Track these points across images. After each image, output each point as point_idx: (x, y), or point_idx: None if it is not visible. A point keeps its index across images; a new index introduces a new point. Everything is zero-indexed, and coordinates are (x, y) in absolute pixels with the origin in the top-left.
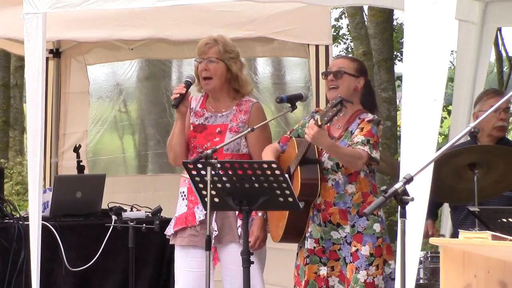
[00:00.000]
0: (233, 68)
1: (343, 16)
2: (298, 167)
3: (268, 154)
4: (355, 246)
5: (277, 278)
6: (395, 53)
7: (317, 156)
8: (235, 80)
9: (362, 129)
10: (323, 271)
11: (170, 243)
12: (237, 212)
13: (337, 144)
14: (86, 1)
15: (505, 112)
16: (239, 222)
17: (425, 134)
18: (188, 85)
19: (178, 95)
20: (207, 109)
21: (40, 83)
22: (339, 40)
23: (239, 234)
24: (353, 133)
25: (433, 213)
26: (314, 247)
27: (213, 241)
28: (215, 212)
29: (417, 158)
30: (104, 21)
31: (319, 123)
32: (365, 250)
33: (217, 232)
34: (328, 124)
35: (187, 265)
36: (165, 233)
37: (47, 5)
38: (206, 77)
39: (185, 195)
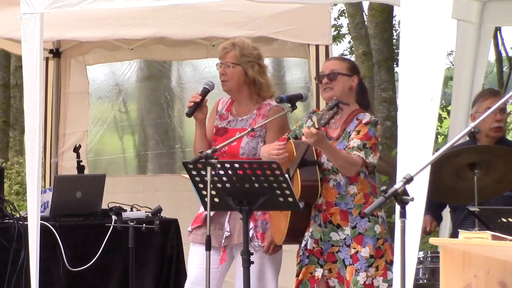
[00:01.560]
0: (250, 72)
1: (343, 15)
2: (298, 169)
3: (265, 155)
4: (354, 248)
5: (280, 279)
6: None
7: (315, 158)
8: (253, 84)
9: (358, 132)
10: (318, 272)
11: (186, 238)
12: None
13: (335, 147)
14: (83, 1)
15: (501, 113)
16: (252, 225)
17: (422, 133)
18: (205, 92)
19: (193, 103)
20: (231, 113)
21: (38, 83)
22: (340, 39)
23: (251, 237)
24: (351, 134)
25: (435, 214)
26: (313, 248)
27: (223, 241)
28: (228, 213)
29: (414, 157)
30: (104, 21)
31: (316, 126)
32: (365, 252)
33: (229, 233)
34: (326, 125)
35: (197, 261)
36: (188, 229)
37: (44, 5)
38: (223, 81)
39: None
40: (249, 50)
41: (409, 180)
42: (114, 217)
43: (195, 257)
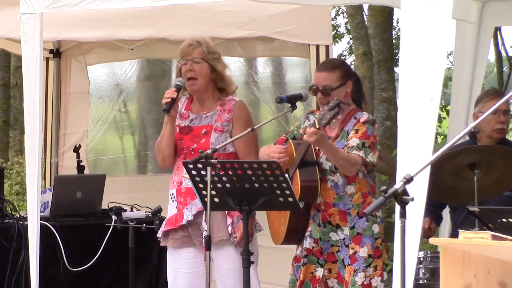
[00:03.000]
0: (218, 68)
1: (340, 14)
2: (297, 169)
3: (265, 157)
4: (353, 249)
5: (277, 277)
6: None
7: (315, 158)
8: (221, 79)
9: (357, 131)
10: (319, 272)
11: (161, 244)
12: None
13: (335, 147)
14: (83, 1)
15: (504, 114)
16: (229, 221)
17: (422, 134)
18: (178, 89)
19: (170, 99)
20: (192, 111)
21: (37, 83)
22: (338, 39)
23: (230, 233)
24: (349, 133)
25: (435, 215)
26: (313, 247)
27: (203, 240)
28: (204, 212)
29: (414, 157)
30: (104, 21)
31: (317, 126)
32: (363, 252)
33: (207, 233)
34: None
35: (179, 266)
36: (157, 235)
37: (43, 5)
38: (191, 78)
39: (174, 197)
40: (213, 48)
41: (409, 180)
42: (114, 217)
43: (177, 262)
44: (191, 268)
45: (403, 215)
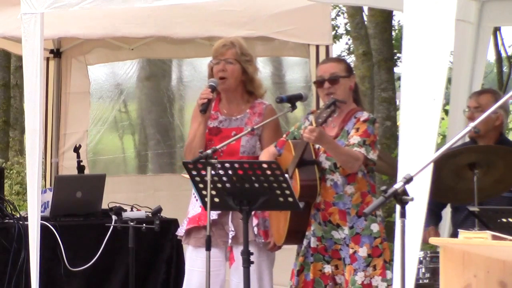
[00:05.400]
0: (249, 70)
1: (340, 14)
2: (296, 169)
3: (265, 158)
4: (352, 248)
5: (277, 277)
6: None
7: (314, 157)
8: (250, 82)
9: (357, 129)
10: (328, 269)
11: (183, 243)
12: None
13: (337, 143)
14: (83, 1)
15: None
16: (255, 222)
17: (424, 134)
18: (213, 89)
19: (206, 100)
20: (221, 113)
21: (38, 83)
22: (337, 39)
23: (255, 234)
24: (349, 132)
25: (436, 215)
26: (317, 245)
27: (230, 241)
28: (230, 212)
29: (416, 158)
30: (105, 19)
31: (314, 124)
32: (362, 252)
33: (234, 232)
34: (323, 124)
35: (195, 264)
36: (176, 233)
37: (44, 5)
38: (222, 77)
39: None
40: (246, 50)
41: (408, 180)
42: (114, 217)
43: (197, 261)
44: (211, 267)
45: (403, 215)
